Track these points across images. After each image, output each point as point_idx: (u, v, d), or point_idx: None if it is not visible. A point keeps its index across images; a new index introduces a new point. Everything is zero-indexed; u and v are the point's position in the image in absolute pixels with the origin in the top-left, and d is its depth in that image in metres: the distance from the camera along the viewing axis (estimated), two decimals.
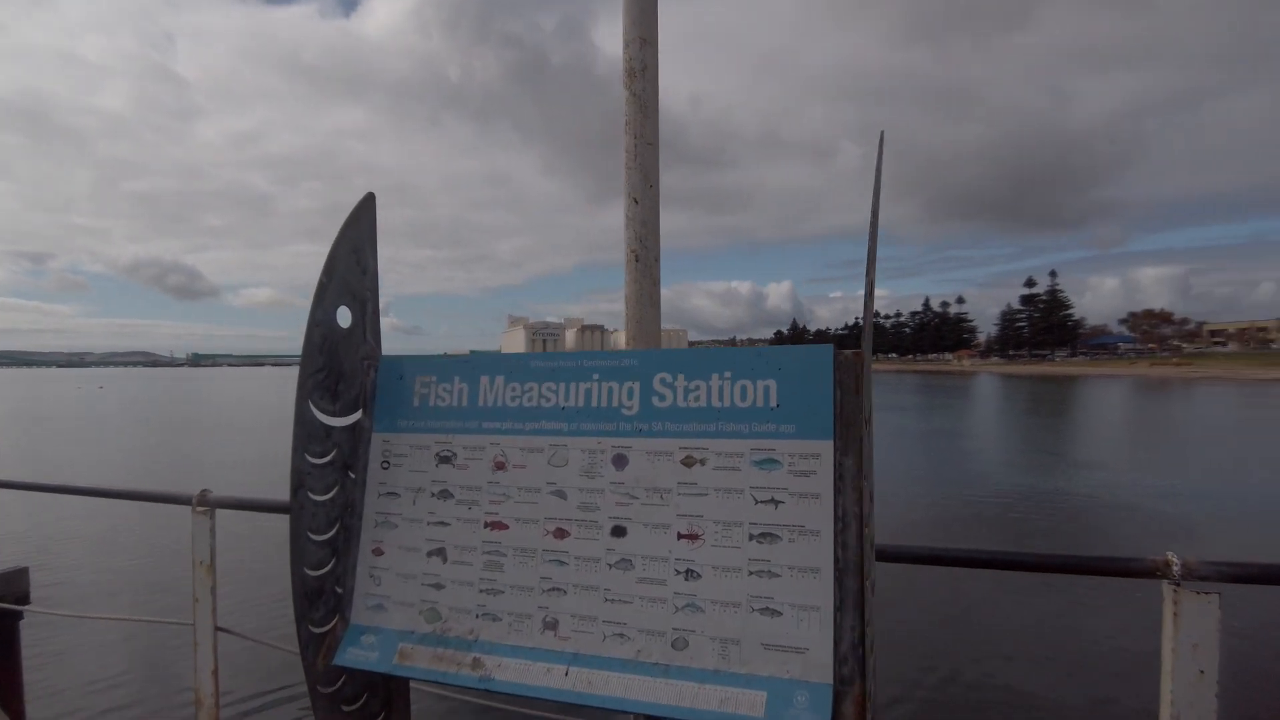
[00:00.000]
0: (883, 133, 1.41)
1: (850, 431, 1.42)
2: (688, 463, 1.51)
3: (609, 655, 1.49)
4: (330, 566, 1.74)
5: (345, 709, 1.75)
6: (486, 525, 1.65)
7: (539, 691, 1.50)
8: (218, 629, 2.26)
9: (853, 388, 1.44)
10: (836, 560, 1.38)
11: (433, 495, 1.71)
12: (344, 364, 1.78)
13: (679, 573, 1.48)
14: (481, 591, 1.63)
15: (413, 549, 1.71)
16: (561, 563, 1.57)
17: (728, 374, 1.52)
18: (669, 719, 1.40)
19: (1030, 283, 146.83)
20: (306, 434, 1.68)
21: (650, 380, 1.57)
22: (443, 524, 1.69)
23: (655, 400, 1.56)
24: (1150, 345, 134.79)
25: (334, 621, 1.74)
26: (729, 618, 1.43)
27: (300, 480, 1.66)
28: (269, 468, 19.02)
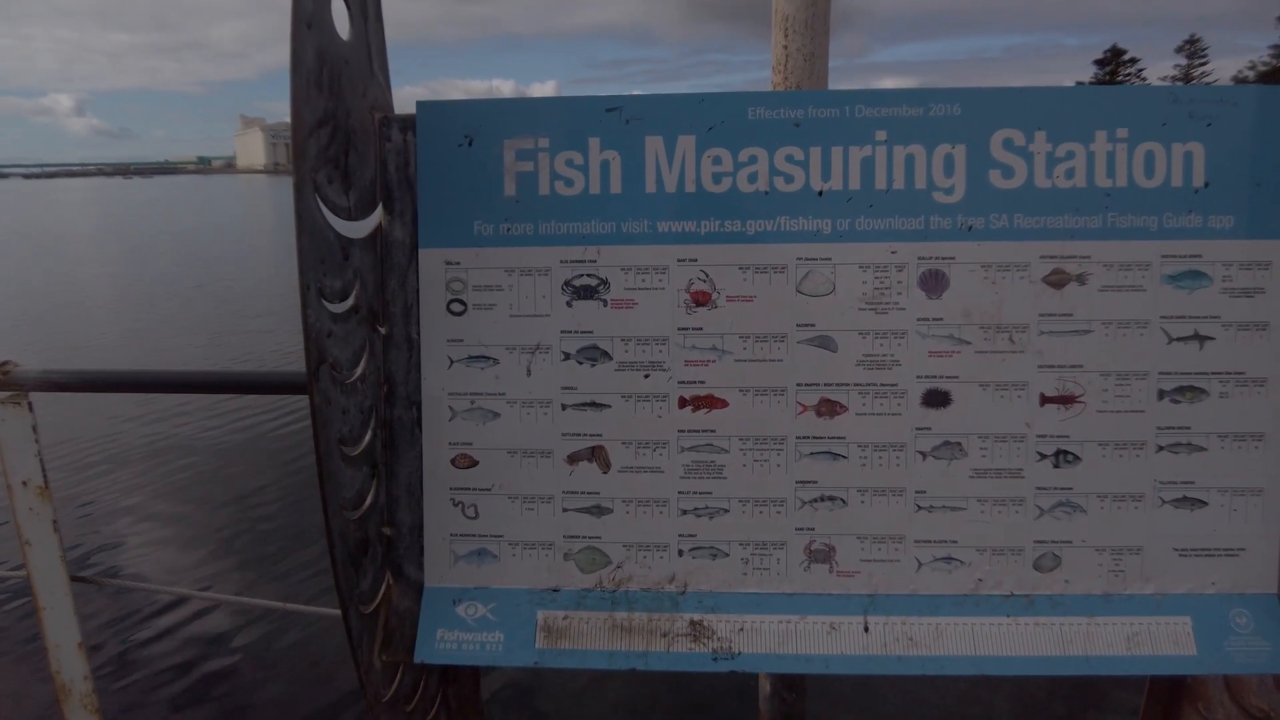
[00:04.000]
0: None
1: None
2: (1056, 280, 0.92)
3: (930, 593, 0.94)
4: (371, 498, 0.94)
5: (406, 709, 1.04)
6: (684, 403, 0.94)
7: (821, 664, 0.92)
8: (73, 579, 1.32)
9: None
10: None
11: (566, 356, 0.95)
12: (353, 115, 0.88)
13: (1043, 456, 0.93)
14: (685, 514, 0.95)
15: (537, 451, 0.96)
16: (834, 455, 0.94)
17: (1122, 133, 0.90)
18: (1038, 677, 0.91)
19: None
20: (318, 256, 0.80)
21: (986, 142, 0.91)
22: (593, 405, 0.95)
23: (996, 177, 0.91)
24: None
25: (384, 587, 0.97)
26: (1125, 517, 0.93)
27: (321, 350, 0.81)
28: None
